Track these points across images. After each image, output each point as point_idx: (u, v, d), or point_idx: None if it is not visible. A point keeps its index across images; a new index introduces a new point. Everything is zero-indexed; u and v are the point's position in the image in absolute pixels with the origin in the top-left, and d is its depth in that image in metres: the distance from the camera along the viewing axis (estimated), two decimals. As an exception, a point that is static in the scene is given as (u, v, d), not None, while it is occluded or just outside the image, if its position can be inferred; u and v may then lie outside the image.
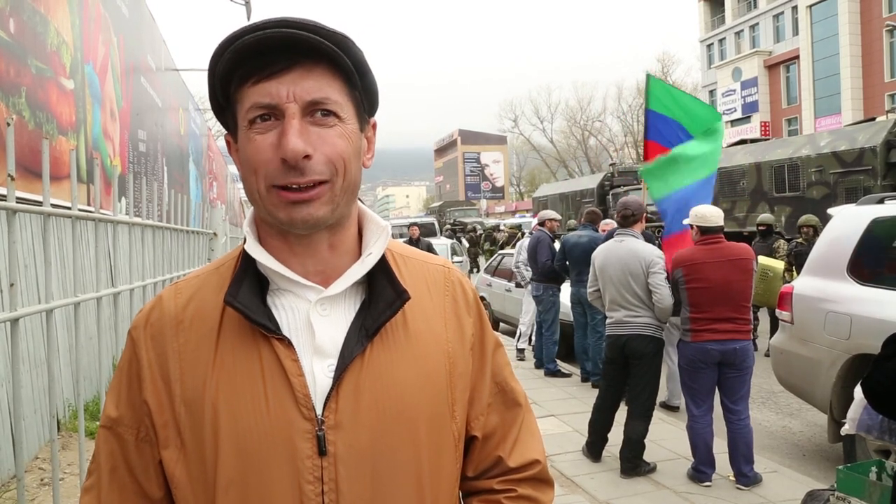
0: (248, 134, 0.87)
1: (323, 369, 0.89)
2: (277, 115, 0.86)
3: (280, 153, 0.84)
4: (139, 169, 8.46)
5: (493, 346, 1.06)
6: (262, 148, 0.86)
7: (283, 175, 0.85)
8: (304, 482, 0.86)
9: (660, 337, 4.62)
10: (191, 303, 0.94)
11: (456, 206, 42.12)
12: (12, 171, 1.40)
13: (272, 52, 0.85)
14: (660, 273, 4.49)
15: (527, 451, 1.06)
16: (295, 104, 0.85)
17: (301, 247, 0.92)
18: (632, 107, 55.18)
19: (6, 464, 3.73)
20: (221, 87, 0.90)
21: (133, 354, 0.94)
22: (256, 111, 0.86)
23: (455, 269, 1.08)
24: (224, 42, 0.87)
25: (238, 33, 0.86)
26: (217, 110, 0.95)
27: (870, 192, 10.22)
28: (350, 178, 0.89)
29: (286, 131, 0.84)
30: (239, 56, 0.85)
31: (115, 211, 2.21)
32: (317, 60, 0.86)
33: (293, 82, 0.85)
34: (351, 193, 0.91)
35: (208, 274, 0.98)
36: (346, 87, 0.89)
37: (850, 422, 3.31)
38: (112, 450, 0.94)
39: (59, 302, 1.70)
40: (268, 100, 0.85)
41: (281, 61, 0.85)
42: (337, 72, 0.88)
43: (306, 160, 0.84)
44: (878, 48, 32.41)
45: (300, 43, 0.84)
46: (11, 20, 4.35)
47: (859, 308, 4.31)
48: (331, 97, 0.87)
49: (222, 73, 0.88)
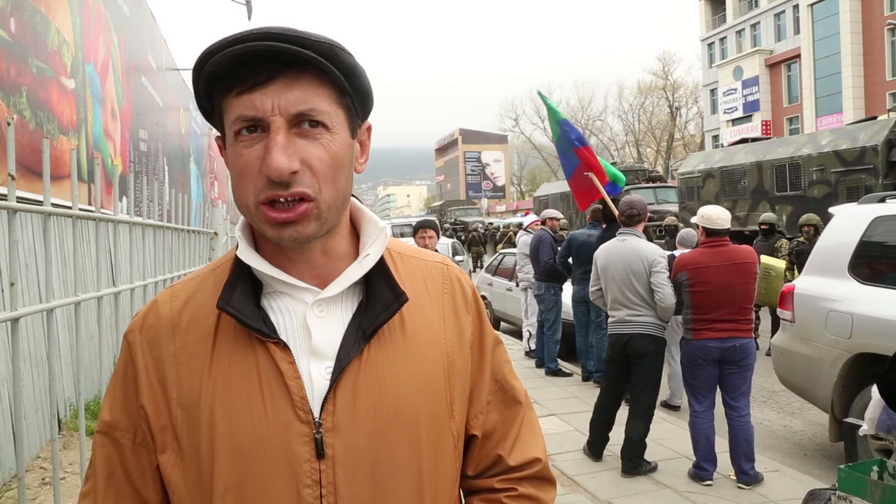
0: (235, 147, 0.86)
1: (320, 371, 0.88)
2: (263, 128, 0.84)
3: (265, 170, 0.83)
4: (140, 168, 8.47)
5: (492, 344, 1.05)
6: (249, 162, 0.84)
7: (269, 188, 0.83)
8: (303, 486, 0.85)
9: (661, 336, 4.61)
10: (187, 306, 0.93)
11: (457, 206, 42.08)
12: (13, 170, 1.40)
13: (255, 63, 0.83)
14: (662, 272, 4.47)
15: (527, 449, 1.05)
16: (280, 117, 0.83)
17: (295, 252, 0.91)
18: (632, 106, 55.26)
19: (7, 463, 3.73)
20: (206, 97, 0.89)
21: (129, 359, 0.93)
22: (242, 124, 0.84)
23: (454, 266, 1.07)
24: (203, 55, 0.85)
25: (219, 45, 0.83)
26: (205, 115, 0.95)
27: (871, 191, 10.21)
28: (338, 190, 0.88)
29: (270, 148, 0.82)
30: (220, 68, 0.83)
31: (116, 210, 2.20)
32: (303, 69, 0.84)
33: (277, 94, 0.83)
34: (340, 204, 0.89)
35: (204, 276, 0.97)
36: (335, 95, 0.87)
37: (868, 422, 3.25)
38: (108, 455, 0.93)
39: (59, 301, 1.70)
40: (252, 112, 0.83)
41: (264, 72, 0.83)
42: (325, 79, 0.86)
43: (292, 175, 0.83)
44: (880, 47, 32.37)
45: (282, 54, 0.82)
46: (12, 20, 4.35)
47: (861, 307, 4.30)
48: (317, 107, 0.85)
49: (205, 83, 0.87)
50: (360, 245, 0.96)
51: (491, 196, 73.42)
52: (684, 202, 17.45)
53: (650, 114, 54.47)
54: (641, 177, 22.58)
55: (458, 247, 17.15)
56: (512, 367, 1.10)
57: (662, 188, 20.28)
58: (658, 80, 52.64)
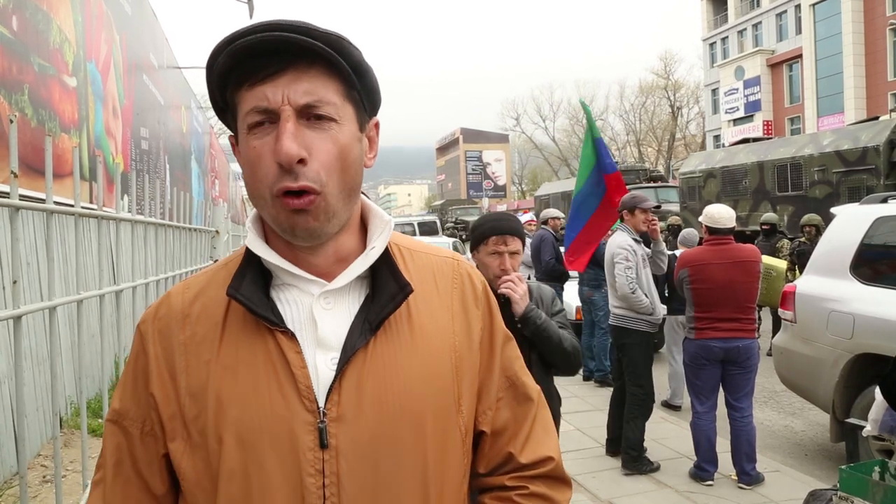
0: (248, 139, 0.88)
1: (326, 362, 0.89)
2: (273, 119, 0.86)
3: (275, 157, 0.84)
4: (141, 167, 8.47)
5: (502, 340, 1.05)
6: (262, 153, 0.86)
7: (282, 179, 0.85)
8: (306, 474, 0.86)
9: (637, 329, 4.63)
10: (198, 298, 0.95)
11: (458, 205, 42.06)
12: (15, 168, 1.40)
13: (266, 55, 0.85)
14: (620, 263, 4.59)
15: (539, 447, 1.04)
16: (289, 107, 0.85)
17: (306, 252, 0.93)
18: (634, 105, 55.18)
19: (9, 461, 3.73)
20: (219, 91, 0.91)
21: (141, 348, 0.95)
22: (254, 116, 0.86)
23: (464, 261, 1.07)
24: (218, 46, 0.87)
25: (231, 38, 0.86)
26: (218, 112, 0.96)
27: (873, 192, 10.20)
28: (346, 183, 0.89)
29: (280, 135, 0.84)
30: (233, 60, 0.86)
31: (118, 208, 2.20)
32: (311, 62, 0.86)
33: (287, 85, 0.85)
34: (348, 196, 0.91)
35: (216, 270, 0.99)
36: (343, 88, 0.89)
37: (871, 423, 3.25)
38: (118, 443, 0.95)
39: (61, 299, 1.70)
40: (264, 104, 0.85)
41: (274, 64, 0.85)
42: (333, 73, 0.88)
43: (300, 164, 0.84)
44: (882, 47, 32.31)
45: (292, 45, 0.84)
46: (14, 18, 4.35)
47: (862, 307, 4.30)
48: (326, 99, 0.86)
49: (218, 77, 0.89)
50: (367, 238, 0.98)
51: (492, 195, 73.32)
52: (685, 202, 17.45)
53: (651, 113, 54.42)
54: (643, 176, 22.59)
55: (458, 246, 17.15)
56: (523, 363, 1.09)
57: (664, 188, 20.29)
58: (659, 79, 52.60)
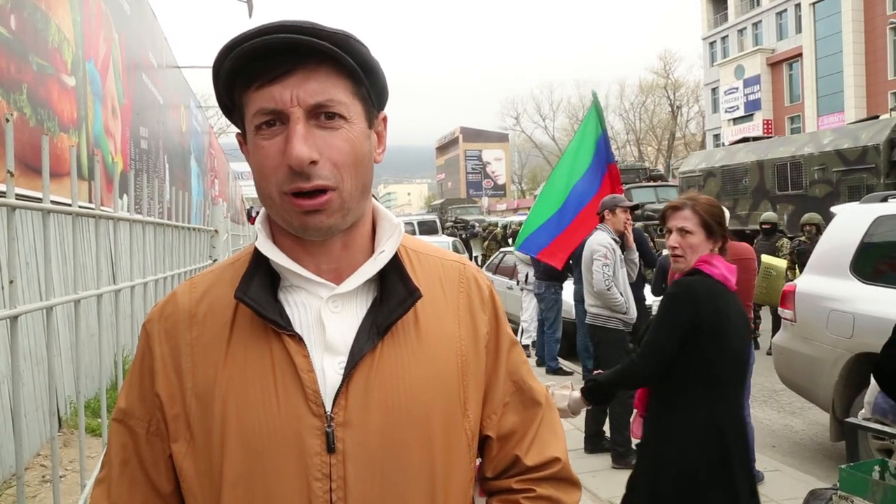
0: (256, 140, 0.87)
1: (333, 366, 0.88)
2: (283, 120, 0.85)
3: (286, 160, 0.84)
4: (141, 166, 8.46)
5: (508, 345, 1.04)
6: (271, 154, 0.86)
7: (291, 180, 0.85)
8: (312, 479, 0.85)
9: (611, 327, 4.76)
10: (205, 298, 0.95)
11: (457, 204, 42.06)
12: (12, 167, 1.39)
13: (273, 55, 0.84)
14: (599, 259, 4.72)
15: (546, 448, 1.03)
16: (299, 108, 0.84)
17: (314, 245, 0.92)
18: (633, 105, 55.20)
19: (7, 461, 3.73)
20: (226, 92, 0.91)
21: (147, 348, 0.95)
22: (262, 117, 0.86)
23: (471, 265, 1.07)
24: (224, 48, 0.87)
25: (238, 40, 0.86)
26: (225, 111, 0.96)
27: (873, 191, 10.19)
28: (359, 179, 0.89)
29: (291, 137, 0.84)
30: (240, 62, 0.85)
31: (117, 208, 2.20)
32: (320, 61, 0.86)
33: (296, 85, 0.85)
34: (361, 194, 0.90)
35: (223, 269, 0.98)
36: (351, 86, 0.89)
37: (866, 405, 3.39)
38: (124, 443, 0.94)
39: (59, 299, 1.70)
40: (272, 105, 0.85)
41: (283, 65, 0.85)
42: (342, 71, 0.87)
43: (312, 165, 0.84)
44: (882, 46, 32.32)
45: (300, 46, 0.84)
46: (12, 17, 4.34)
47: (862, 307, 4.30)
48: (335, 98, 0.86)
49: (225, 79, 0.88)
50: (376, 241, 0.97)
51: (492, 194, 73.36)
52: (685, 201, 17.40)
53: (651, 112, 54.45)
54: (642, 175, 22.57)
55: (458, 245, 17.16)
56: (530, 367, 1.09)
57: (663, 187, 20.26)
58: (659, 78, 52.62)
